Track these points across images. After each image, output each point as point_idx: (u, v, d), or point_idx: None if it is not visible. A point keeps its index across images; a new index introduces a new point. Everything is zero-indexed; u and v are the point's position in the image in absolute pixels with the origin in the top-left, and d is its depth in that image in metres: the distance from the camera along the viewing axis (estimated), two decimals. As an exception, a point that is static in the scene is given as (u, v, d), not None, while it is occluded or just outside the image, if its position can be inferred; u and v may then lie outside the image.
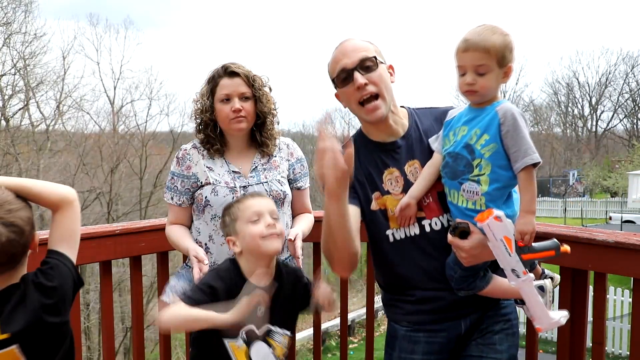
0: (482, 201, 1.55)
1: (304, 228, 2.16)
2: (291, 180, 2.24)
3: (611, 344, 11.04)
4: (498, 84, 1.55)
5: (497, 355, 1.76)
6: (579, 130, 44.83)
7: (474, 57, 1.51)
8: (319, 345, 2.66)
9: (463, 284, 1.66)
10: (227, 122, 2.08)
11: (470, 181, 1.56)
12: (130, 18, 58.01)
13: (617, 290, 11.41)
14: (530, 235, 1.48)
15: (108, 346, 2.30)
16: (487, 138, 1.53)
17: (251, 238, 1.72)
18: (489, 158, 1.53)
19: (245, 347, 1.70)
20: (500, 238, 1.46)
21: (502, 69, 1.53)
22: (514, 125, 1.49)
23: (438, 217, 1.74)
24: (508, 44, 1.52)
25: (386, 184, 1.77)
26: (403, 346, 1.81)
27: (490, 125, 1.53)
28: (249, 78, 2.09)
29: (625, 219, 22.53)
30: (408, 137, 1.80)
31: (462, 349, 1.80)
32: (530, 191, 1.48)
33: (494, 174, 1.53)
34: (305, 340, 12.43)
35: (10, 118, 18.70)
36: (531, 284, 1.51)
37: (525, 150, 1.47)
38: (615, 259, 1.82)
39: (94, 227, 2.25)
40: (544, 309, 1.53)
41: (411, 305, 1.79)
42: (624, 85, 41.70)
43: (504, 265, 1.51)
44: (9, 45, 18.65)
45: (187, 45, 66.35)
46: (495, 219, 1.45)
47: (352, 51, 1.70)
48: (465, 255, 1.58)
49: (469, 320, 1.77)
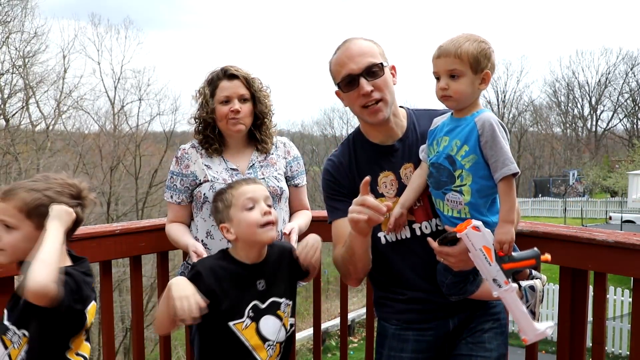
0: (466, 210, 1.56)
1: (301, 223, 2.19)
2: (288, 177, 2.28)
3: (611, 344, 11.06)
4: (474, 89, 1.55)
5: (487, 354, 1.78)
6: (579, 130, 44.88)
7: (446, 62, 1.53)
8: (319, 345, 2.65)
9: (454, 289, 1.68)
10: (225, 122, 2.13)
11: (453, 191, 1.57)
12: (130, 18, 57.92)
13: (617, 290, 11.42)
14: (508, 245, 1.48)
15: (108, 346, 2.30)
16: (467, 149, 1.54)
17: (247, 226, 1.71)
18: (469, 169, 1.54)
19: (253, 323, 1.71)
20: (480, 248, 1.47)
21: (478, 75, 1.54)
22: (492, 135, 1.49)
23: (428, 221, 1.76)
24: (482, 50, 1.53)
25: (380, 187, 1.79)
26: (392, 344, 1.83)
27: (469, 136, 1.54)
28: (247, 80, 2.16)
29: (625, 219, 22.54)
30: (405, 139, 1.81)
31: (451, 347, 1.82)
32: (509, 201, 1.50)
33: (476, 184, 1.54)
34: (305, 340, 12.44)
35: (10, 118, 18.68)
36: (513, 293, 1.49)
37: (503, 161, 1.48)
38: (615, 259, 1.81)
39: (94, 227, 2.25)
40: (528, 320, 1.51)
41: (401, 304, 1.81)
42: (624, 85, 41.80)
43: (485, 276, 1.50)
44: (7, 44, 18.63)
45: (187, 46, 66.41)
46: (474, 228, 1.46)
47: (359, 55, 1.69)
48: (455, 261, 1.59)
49: (457, 319, 1.80)
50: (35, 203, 1.47)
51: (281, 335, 1.75)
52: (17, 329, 1.47)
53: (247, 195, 1.73)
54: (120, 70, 22.64)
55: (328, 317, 14.39)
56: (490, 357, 1.78)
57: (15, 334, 1.47)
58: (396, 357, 1.81)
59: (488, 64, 1.54)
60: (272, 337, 1.72)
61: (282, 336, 1.76)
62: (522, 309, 1.52)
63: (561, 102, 44.60)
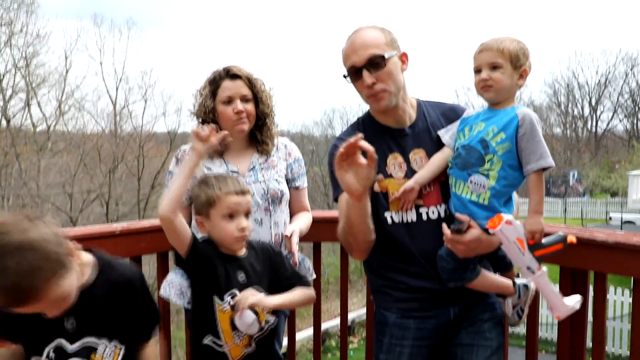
0: (487, 195, 1.62)
1: (302, 226, 2.19)
2: (289, 179, 2.27)
3: (611, 344, 11.04)
4: (513, 83, 1.64)
5: (488, 342, 1.82)
6: (579, 130, 44.82)
7: (488, 55, 1.64)
8: (319, 345, 2.65)
9: (454, 275, 1.72)
10: (229, 123, 2.13)
11: (480, 174, 1.63)
12: (133, 19, 57.88)
13: (617, 290, 11.41)
14: (539, 234, 1.57)
15: (108, 346, 2.29)
16: (503, 136, 1.60)
17: (221, 233, 1.78)
18: (501, 155, 1.60)
19: (230, 311, 1.75)
20: (514, 240, 1.55)
21: (517, 71, 1.64)
22: (531, 129, 1.57)
23: (436, 205, 1.79)
24: (522, 49, 1.64)
25: (389, 167, 1.81)
26: (394, 332, 1.84)
27: (508, 125, 1.60)
28: (250, 80, 2.16)
29: (625, 219, 22.52)
30: (415, 126, 1.84)
31: (451, 336, 1.84)
32: (539, 193, 1.57)
33: (504, 172, 1.60)
34: (305, 340, 12.42)
35: (12, 118, 18.69)
36: (545, 277, 1.61)
37: (541, 154, 1.56)
38: (615, 259, 1.82)
39: (94, 227, 2.25)
40: (559, 297, 1.63)
41: (402, 292, 1.82)
42: (624, 85, 41.72)
43: (520, 265, 1.60)
44: (10, 45, 18.64)
45: (187, 46, 66.43)
46: (507, 223, 1.54)
47: (361, 48, 1.72)
48: (463, 248, 1.65)
49: (457, 307, 1.82)
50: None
51: (253, 329, 1.76)
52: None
53: (231, 205, 1.76)
54: (122, 71, 22.66)
55: (328, 317, 14.36)
56: (492, 346, 1.82)
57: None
58: (397, 344, 1.83)
59: (526, 62, 1.65)
60: (243, 328, 1.75)
61: (255, 329, 1.76)
62: (554, 289, 1.64)
63: (561, 102, 44.57)
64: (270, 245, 1.99)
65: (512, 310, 1.81)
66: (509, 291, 1.79)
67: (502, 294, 1.81)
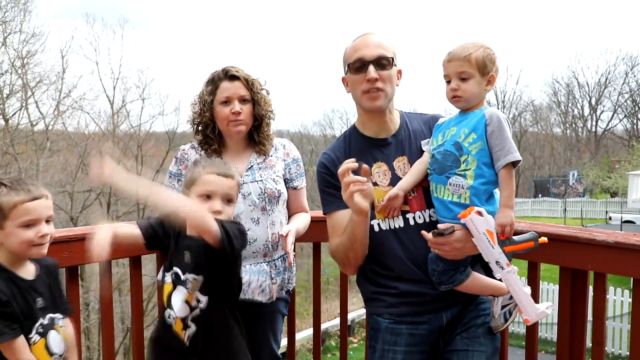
0: (467, 194, 1.66)
1: (299, 226, 2.20)
2: (287, 179, 2.28)
3: (611, 344, 11.05)
4: (481, 90, 1.72)
5: (483, 348, 1.82)
6: (579, 130, 44.83)
7: (456, 65, 1.70)
8: (319, 345, 2.66)
9: (444, 277, 1.74)
10: (226, 123, 2.15)
11: (457, 175, 1.68)
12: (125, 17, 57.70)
13: (617, 290, 11.42)
14: (510, 227, 1.60)
15: (108, 346, 2.30)
16: (474, 136, 1.67)
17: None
18: (475, 155, 1.65)
19: (172, 288, 1.79)
20: (483, 231, 1.59)
21: (484, 77, 1.71)
22: (499, 126, 1.63)
23: (422, 211, 1.82)
24: (488, 55, 1.70)
25: (374, 176, 1.85)
26: (386, 338, 1.85)
27: (478, 125, 1.67)
28: (248, 81, 2.17)
29: (625, 219, 22.53)
30: (398, 135, 1.91)
31: (445, 342, 1.84)
32: (509, 188, 1.62)
33: (479, 170, 1.65)
34: (305, 340, 12.43)
35: (10, 118, 18.67)
36: (515, 275, 1.62)
37: (508, 149, 1.62)
38: (615, 259, 1.82)
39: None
40: (529, 300, 1.64)
41: (394, 297, 1.83)
42: (624, 85, 41.71)
43: (489, 259, 1.62)
44: (6, 44, 18.60)
45: (186, 45, 66.47)
46: (477, 213, 1.59)
47: (374, 46, 1.82)
48: (448, 249, 1.67)
49: (450, 313, 1.82)
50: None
51: (183, 310, 1.76)
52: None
53: (210, 186, 1.78)
54: (119, 70, 22.60)
55: (328, 317, 14.38)
56: (486, 351, 1.83)
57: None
58: (390, 350, 1.83)
59: (493, 67, 1.71)
60: (179, 312, 1.76)
61: (185, 311, 1.76)
62: (523, 289, 1.65)
63: (561, 102, 44.58)
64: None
65: (500, 310, 1.82)
66: (501, 292, 1.80)
67: (495, 295, 1.82)
